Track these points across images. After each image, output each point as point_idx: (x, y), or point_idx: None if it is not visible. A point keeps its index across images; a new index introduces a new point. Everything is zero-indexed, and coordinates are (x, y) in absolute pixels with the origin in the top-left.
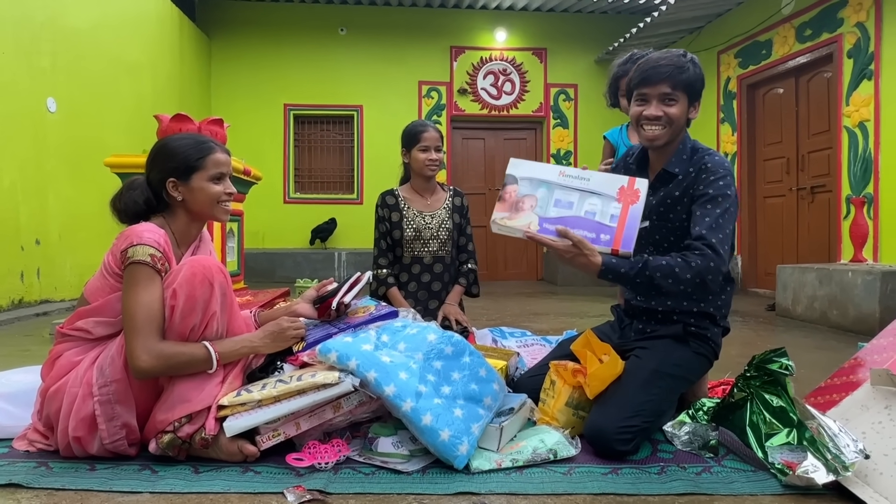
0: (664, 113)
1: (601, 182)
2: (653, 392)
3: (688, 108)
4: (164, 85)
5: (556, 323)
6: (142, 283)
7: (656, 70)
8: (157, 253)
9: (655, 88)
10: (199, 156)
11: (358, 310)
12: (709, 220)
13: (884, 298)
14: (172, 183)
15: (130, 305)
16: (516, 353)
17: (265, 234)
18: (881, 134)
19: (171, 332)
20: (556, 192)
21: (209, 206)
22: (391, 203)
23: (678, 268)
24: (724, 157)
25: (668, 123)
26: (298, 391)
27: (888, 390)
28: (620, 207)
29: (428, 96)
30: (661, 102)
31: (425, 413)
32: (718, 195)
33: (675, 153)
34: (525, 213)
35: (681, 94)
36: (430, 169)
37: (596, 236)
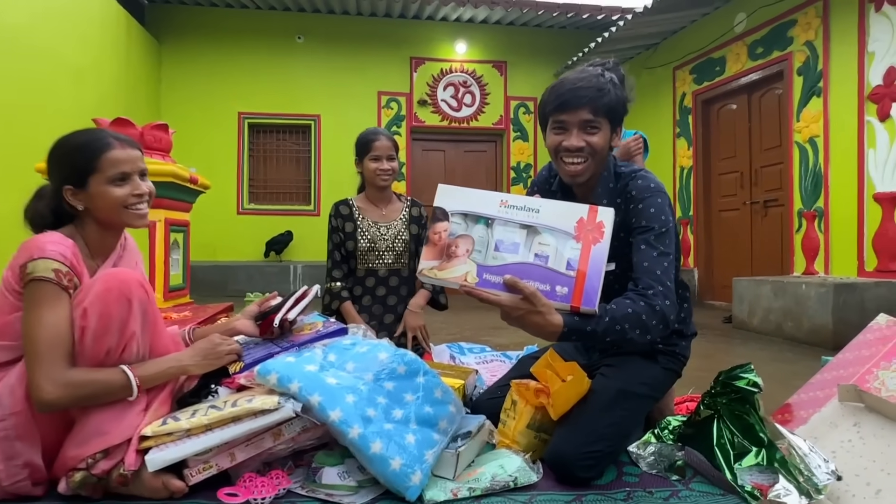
0: (586, 143)
1: (554, 214)
2: (619, 414)
3: (610, 135)
4: (108, 89)
5: (516, 337)
6: (45, 302)
7: (575, 94)
8: (61, 268)
9: (575, 115)
10: (91, 156)
11: (304, 327)
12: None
13: (836, 310)
14: (70, 191)
15: (32, 329)
16: (475, 370)
17: (217, 247)
18: (830, 149)
19: (83, 356)
20: (496, 231)
21: (116, 213)
22: (345, 213)
23: (644, 314)
24: (648, 174)
25: (591, 154)
26: (233, 418)
27: (856, 406)
28: (580, 248)
29: (387, 107)
30: (581, 131)
31: (374, 440)
32: (653, 224)
33: (599, 183)
34: (459, 260)
35: (603, 121)
36: (381, 179)
37: (550, 289)
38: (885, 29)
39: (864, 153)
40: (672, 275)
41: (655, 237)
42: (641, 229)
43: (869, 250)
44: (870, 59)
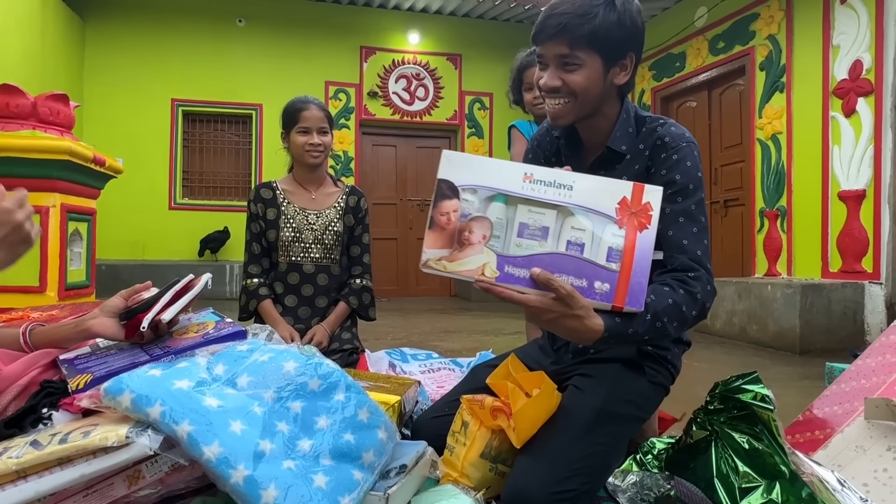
0: (562, 81)
1: (592, 192)
2: (597, 442)
3: (604, 70)
4: (18, 67)
5: (468, 341)
6: None
7: (548, 20)
8: None
9: (549, 48)
10: None
11: (189, 328)
12: (685, 222)
13: (804, 312)
14: None
15: None
16: (417, 382)
17: (146, 244)
18: (794, 146)
19: None
20: (520, 212)
21: None
22: (267, 197)
23: (685, 305)
24: (680, 126)
25: (570, 95)
26: (59, 461)
27: (888, 426)
28: (624, 235)
29: (335, 98)
30: (558, 68)
31: (267, 485)
32: (689, 184)
33: (616, 126)
34: (474, 248)
35: (586, 54)
36: (311, 155)
37: (587, 285)
38: (851, 22)
39: (829, 150)
40: (708, 249)
41: (695, 205)
42: (676, 191)
43: (833, 250)
44: (835, 52)
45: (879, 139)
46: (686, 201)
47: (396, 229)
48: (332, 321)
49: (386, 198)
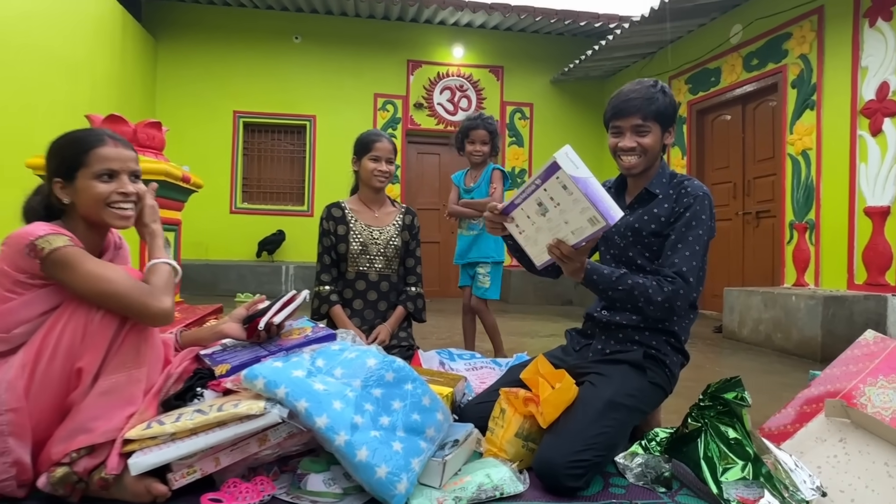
0: (637, 143)
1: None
2: (606, 424)
3: (661, 135)
4: (103, 86)
5: (506, 342)
6: (82, 260)
7: (627, 103)
8: (71, 238)
9: (627, 121)
10: (81, 150)
11: (293, 331)
12: (681, 247)
13: (825, 322)
14: (59, 184)
15: (95, 282)
16: (464, 377)
17: (209, 245)
18: (823, 162)
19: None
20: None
21: (96, 209)
22: (337, 216)
23: (651, 289)
24: (702, 183)
25: (642, 153)
26: (218, 423)
27: (842, 422)
28: None
29: (383, 109)
30: (634, 133)
31: (361, 447)
32: (693, 220)
33: (654, 176)
34: None
35: (652, 124)
36: (378, 180)
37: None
38: (879, 44)
39: (856, 167)
40: (696, 273)
41: (693, 237)
42: (683, 222)
43: (859, 263)
44: (863, 73)
45: None
46: (688, 232)
47: (439, 233)
48: (392, 322)
49: (429, 203)
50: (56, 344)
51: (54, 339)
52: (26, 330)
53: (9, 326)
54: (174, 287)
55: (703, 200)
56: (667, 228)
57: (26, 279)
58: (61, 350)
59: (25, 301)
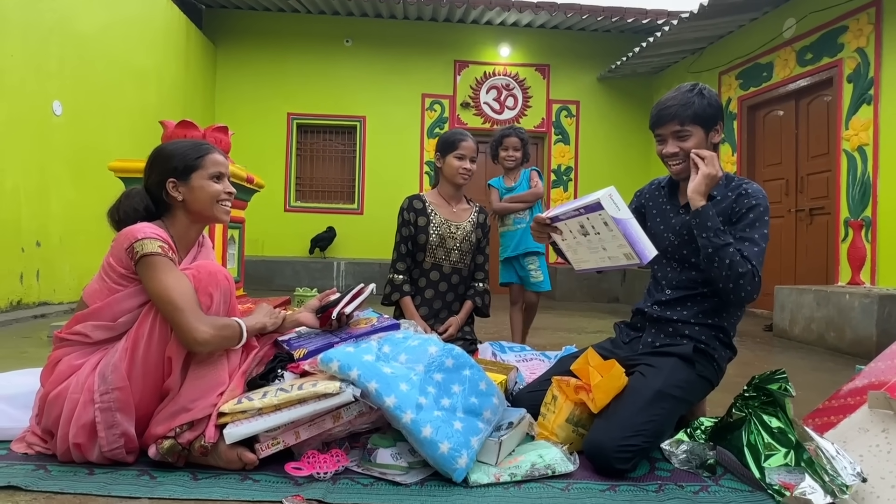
0: (680, 149)
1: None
2: (655, 412)
3: (706, 136)
4: (169, 91)
5: (553, 338)
6: (163, 270)
7: (664, 111)
8: (164, 244)
9: (667, 128)
10: (197, 155)
11: (360, 321)
12: (748, 244)
13: (881, 322)
14: (172, 183)
15: (163, 290)
16: (515, 367)
17: (265, 242)
18: (880, 158)
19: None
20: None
21: (209, 205)
22: (418, 207)
23: (741, 261)
24: (760, 187)
25: (685, 157)
26: (299, 400)
27: (885, 413)
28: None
29: (431, 109)
30: (675, 139)
31: (425, 425)
32: (757, 221)
33: None
34: None
35: (692, 128)
36: (461, 177)
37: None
38: None
39: None
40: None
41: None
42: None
43: None
44: None
45: None
46: (753, 231)
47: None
48: (462, 316)
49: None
50: (150, 333)
51: (147, 328)
52: (129, 319)
53: (115, 315)
54: (226, 339)
55: (764, 202)
56: (726, 226)
57: (128, 273)
58: (155, 339)
59: (129, 293)
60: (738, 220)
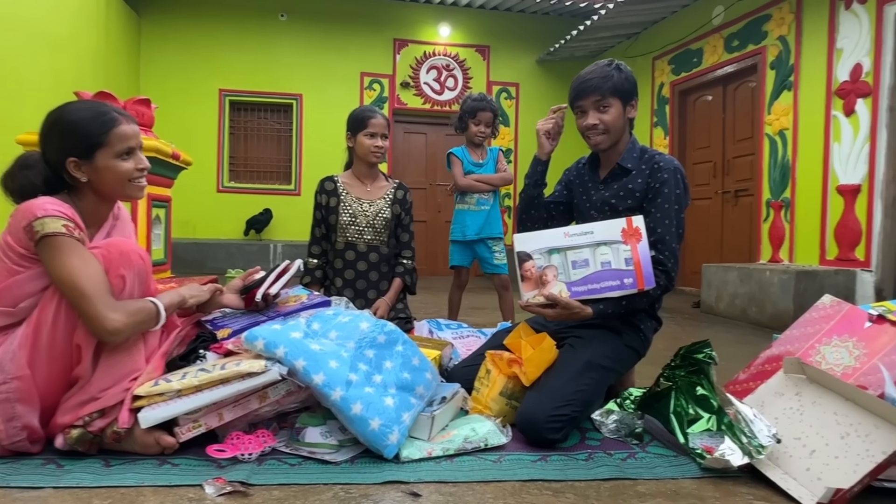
0: (600, 120)
1: (604, 230)
2: (584, 383)
3: (623, 109)
4: (88, 62)
5: (493, 317)
6: (67, 252)
7: (584, 84)
8: (69, 223)
9: (588, 99)
10: (101, 130)
11: (289, 299)
12: (667, 221)
13: (797, 296)
14: (74, 163)
15: (68, 275)
16: (451, 343)
17: (196, 224)
18: (798, 142)
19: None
20: (569, 255)
21: (120, 186)
22: (329, 189)
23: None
24: (672, 157)
25: (605, 130)
26: (221, 380)
27: (799, 378)
28: (630, 249)
29: (370, 88)
30: (595, 111)
31: (355, 402)
32: (671, 194)
33: (626, 151)
34: (552, 284)
35: (612, 100)
36: (374, 156)
37: (620, 283)
38: (853, 27)
39: (830, 146)
40: (678, 241)
41: (673, 209)
42: (663, 199)
43: (831, 240)
44: (838, 55)
45: (875, 138)
46: (666, 205)
47: (426, 212)
48: (391, 296)
49: (416, 182)
50: (54, 318)
51: (51, 313)
52: (30, 304)
53: (15, 300)
54: (140, 323)
55: (675, 174)
56: (643, 202)
57: (28, 254)
58: (60, 325)
59: (31, 275)
60: (654, 196)
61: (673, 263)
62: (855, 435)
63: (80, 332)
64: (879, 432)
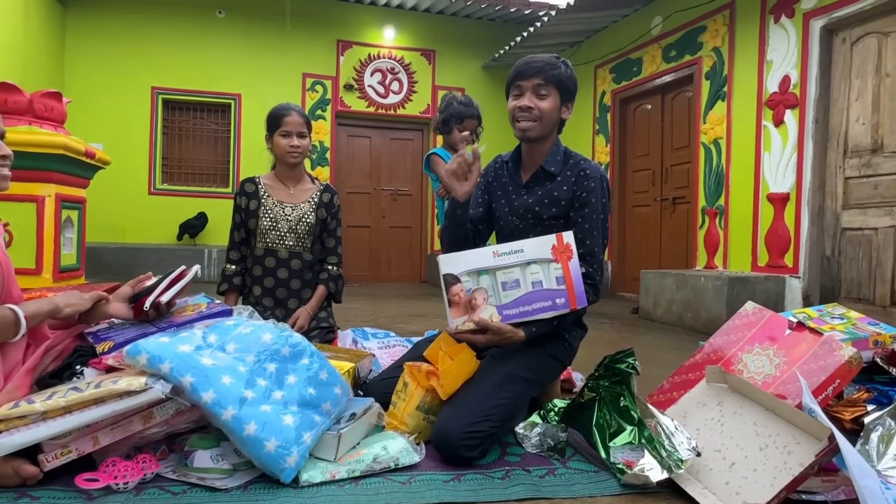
0: (535, 105)
1: (534, 248)
2: (503, 396)
3: (559, 105)
4: (4, 54)
5: (430, 324)
6: None
7: (529, 65)
8: None
9: (529, 81)
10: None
11: (186, 307)
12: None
13: (730, 302)
14: None
15: None
16: (371, 354)
17: (126, 228)
18: (732, 151)
19: None
20: (499, 276)
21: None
22: (250, 191)
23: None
24: (597, 163)
25: (539, 117)
26: (95, 400)
27: (721, 387)
28: (560, 267)
29: (312, 90)
30: (533, 94)
31: (249, 421)
32: (598, 204)
33: (549, 153)
34: (482, 308)
35: (552, 90)
36: (291, 156)
37: (552, 303)
38: (782, 40)
39: (761, 155)
40: (604, 251)
41: (600, 219)
42: (589, 208)
43: (762, 247)
44: (768, 67)
45: (802, 148)
46: (594, 215)
47: (370, 217)
48: (313, 304)
49: (360, 187)
50: None
51: None
52: None
53: None
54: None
55: (602, 182)
56: (569, 211)
57: None
58: None
59: None
60: (580, 206)
61: (600, 276)
62: (774, 447)
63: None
64: (797, 444)
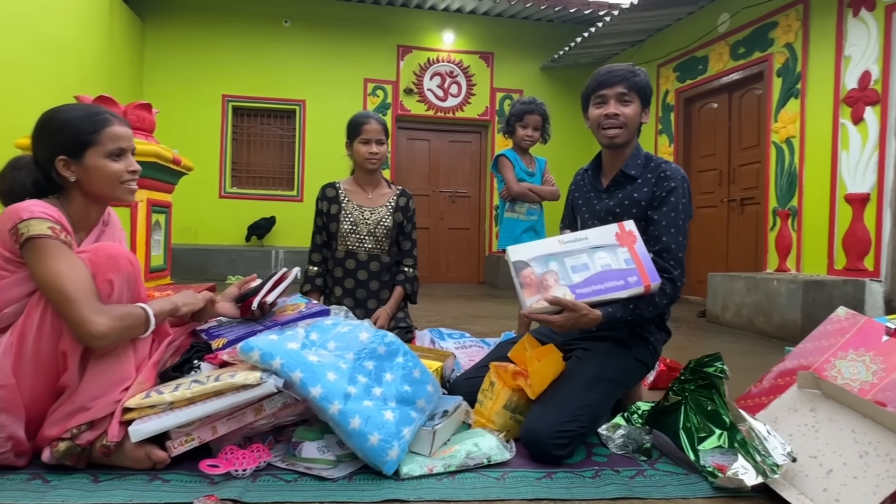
0: (621, 112)
1: (598, 236)
2: (591, 397)
3: (640, 111)
4: (90, 67)
5: (495, 325)
6: (53, 255)
7: (612, 74)
8: (55, 225)
9: (612, 89)
10: (92, 129)
11: (287, 307)
12: (666, 225)
13: (805, 306)
14: (63, 161)
15: (53, 280)
16: (453, 354)
17: (198, 230)
18: (806, 150)
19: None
20: (566, 261)
21: (109, 187)
22: (331, 195)
23: (657, 295)
24: (678, 166)
25: (624, 123)
26: (215, 392)
27: (813, 393)
28: (627, 250)
29: (373, 94)
30: (618, 102)
31: (354, 416)
32: (678, 203)
33: (630, 157)
34: (554, 288)
35: (634, 96)
36: (370, 162)
37: (624, 282)
38: (862, 34)
39: (838, 155)
40: (684, 251)
41: (681, 219)
42: (669, 207)
43: (839, 249)
44: (846, 62)
45: (884, 146)
46: (673, 214)
47: (429, 219)
48: (392, 305)
49: (419, 189)
50: (40, 325)
51: (37, 320)
52: (15, 310)
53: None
54: (128, 329)
55: (683, 183)
56: (649, 212)
57: (14, 258)
58: (46, 331)
59: (17, 280)
60: (659, 205)
61: (679, 273)
62: (874, 454)
63: (66, 338)
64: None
